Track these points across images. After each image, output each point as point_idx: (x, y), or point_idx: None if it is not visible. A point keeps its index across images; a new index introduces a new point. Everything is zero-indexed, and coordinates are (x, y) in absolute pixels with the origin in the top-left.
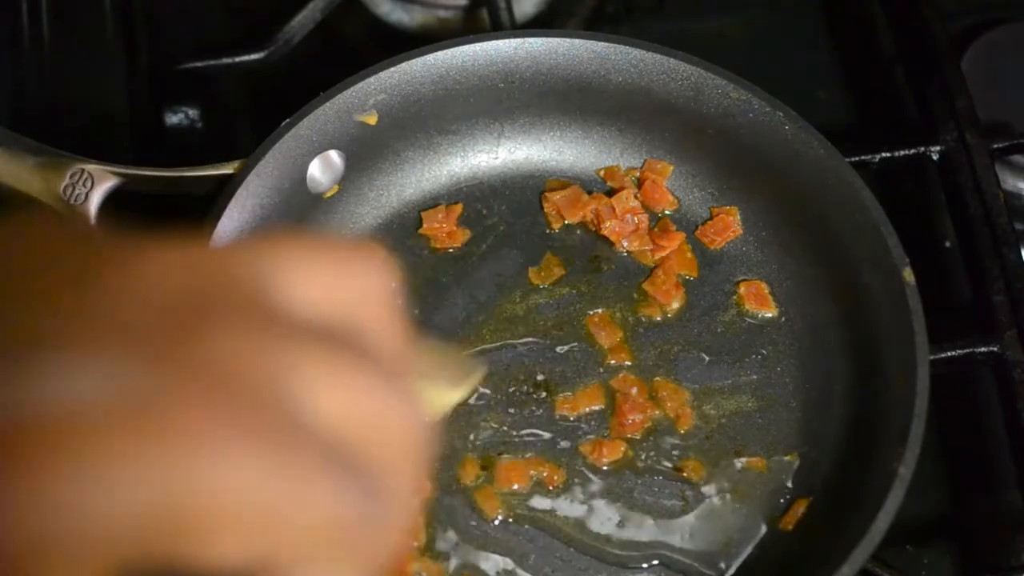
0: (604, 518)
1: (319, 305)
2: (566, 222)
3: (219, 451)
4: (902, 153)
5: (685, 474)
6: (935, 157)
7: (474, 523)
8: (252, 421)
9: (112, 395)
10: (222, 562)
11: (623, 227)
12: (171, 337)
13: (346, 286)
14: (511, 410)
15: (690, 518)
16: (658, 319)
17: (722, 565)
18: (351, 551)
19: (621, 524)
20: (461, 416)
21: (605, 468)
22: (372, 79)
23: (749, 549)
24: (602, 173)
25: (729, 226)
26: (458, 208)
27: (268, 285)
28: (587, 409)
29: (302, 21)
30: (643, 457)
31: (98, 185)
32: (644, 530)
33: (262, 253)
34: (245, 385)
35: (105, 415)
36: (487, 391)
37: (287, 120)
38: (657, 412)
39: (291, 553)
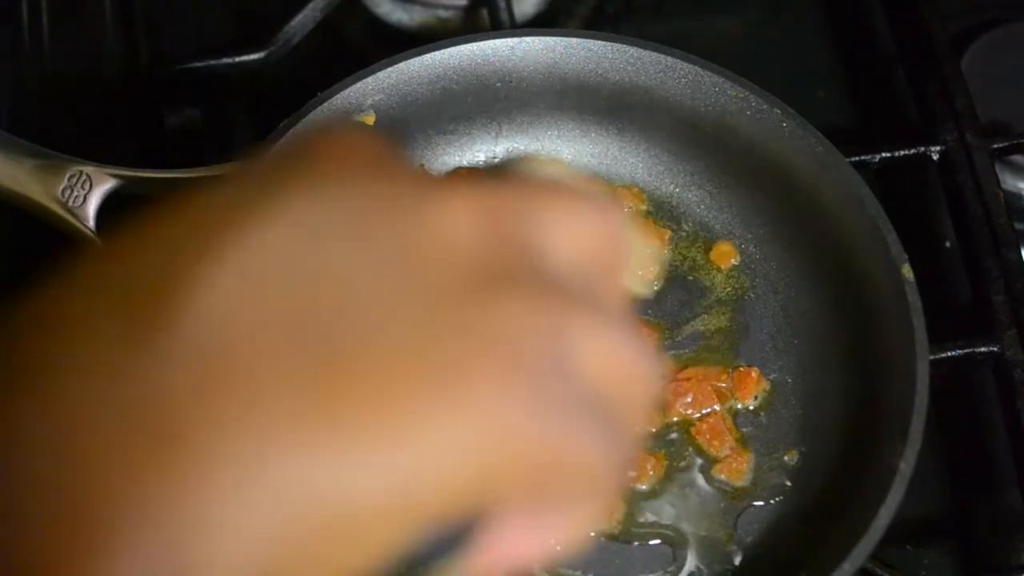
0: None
1: (565, 254)
2: None
3: (507, 403)
4: (902, 153)
5: (687, 470)
6: (935, 157)
7: None
8: (533, 368)
9: (405, 359)
10: (485, 511)
11: None
12: (465, 299)
13: (589, 236)
14: None
15: (691, 514)
16: (656, 319)
17: (725, 559)
18: (599, 489)
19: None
20: None
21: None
22: (369, 79)
23: (751, 545)
24: None
25: None
26: None
27: (531, 237)
28: None
29: (302, 21)
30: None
31: (96, 187)
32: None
33: (523, 200)
34: (528, 349)
35: (401, 376)
36: None
37: (284, 121)
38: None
39: (551, 497)
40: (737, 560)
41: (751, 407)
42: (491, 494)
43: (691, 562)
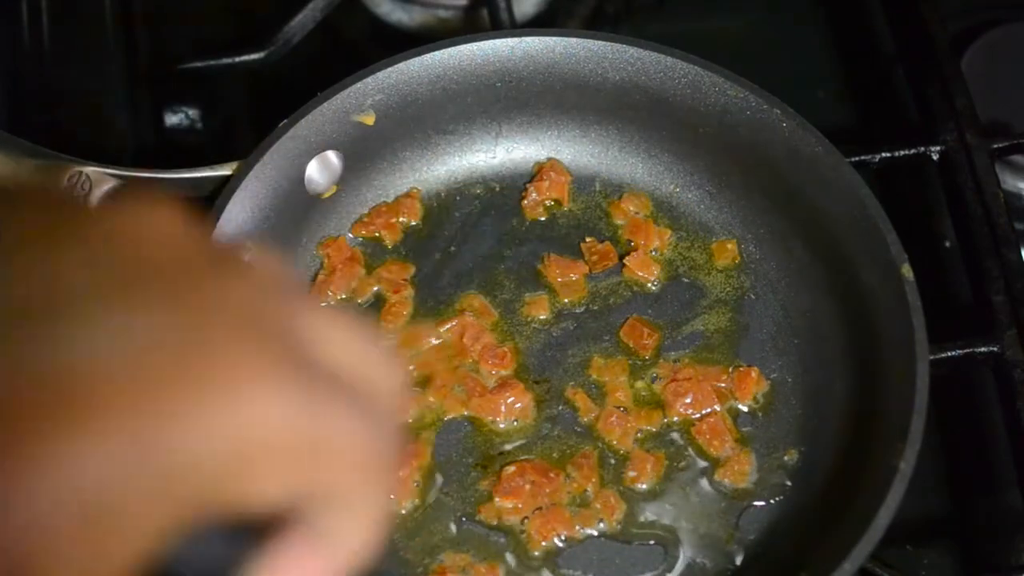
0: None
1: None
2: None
3: (260, 390)
4: (902, 153)
5: (687, 470)
6: (935, 157)
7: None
8: (280, 358)
9: (144, 344)
10: (261, 502)
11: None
12: (192, 285)
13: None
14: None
15: (691, 514)
16: (656, 319)
17: (725, 559)
18: (370, 474)
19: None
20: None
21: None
22: (369, 79)
23: (752, 545)
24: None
25: None
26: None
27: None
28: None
29: (302, 21)
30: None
31: (96, 187)
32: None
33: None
34: (267, 325)
35: (141, 366)
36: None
37: (284, 121)
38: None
39: (322, 485)
40: (738, 559)
41: (751, 407)
42: (254, 485)
43: (692, 562)
